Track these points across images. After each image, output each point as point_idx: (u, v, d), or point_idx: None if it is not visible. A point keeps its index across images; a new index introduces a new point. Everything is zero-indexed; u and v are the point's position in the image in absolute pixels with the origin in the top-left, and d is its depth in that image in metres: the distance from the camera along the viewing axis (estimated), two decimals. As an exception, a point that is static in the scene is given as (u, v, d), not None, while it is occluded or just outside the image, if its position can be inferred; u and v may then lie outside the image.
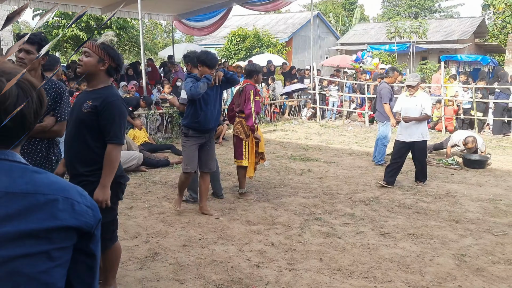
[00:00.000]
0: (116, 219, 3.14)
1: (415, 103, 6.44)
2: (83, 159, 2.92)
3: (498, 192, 6.33)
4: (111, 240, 3.12)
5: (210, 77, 4.71)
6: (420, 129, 6.45)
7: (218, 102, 5.04)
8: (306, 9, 37.32)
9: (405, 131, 6.50)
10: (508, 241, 4.50)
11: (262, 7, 13.63)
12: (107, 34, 2.96)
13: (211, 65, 4.80)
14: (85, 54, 2.90)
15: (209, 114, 4.89)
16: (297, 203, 5.65)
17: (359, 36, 29.81)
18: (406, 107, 6.51)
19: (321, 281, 3.59)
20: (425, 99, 6.52)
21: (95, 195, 2.85)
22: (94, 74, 2.92)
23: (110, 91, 2.95)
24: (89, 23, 18.95)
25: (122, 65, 3.13)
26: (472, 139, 8.12)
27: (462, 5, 55.25)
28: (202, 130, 4.92)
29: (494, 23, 25.60)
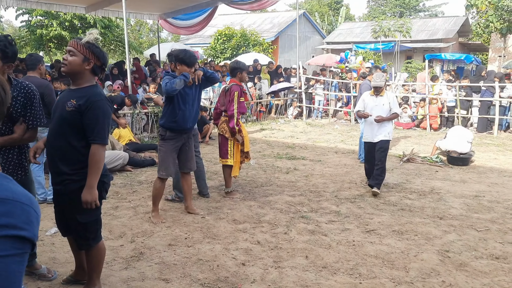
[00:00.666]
0: (99, 218, 3.12)
1: (382, 103, 6.13)
2: (66, 158, 2.89)
3: (481, 189, 6.42)
4: (94, 240, 3.09)
5: (188, 75, 4.62)
6: (387, 129, 6.12)
7: (197, 101, 4.94)
8: (292, 8, 37.39)
9: (372, 131, 6.18)
10: (490, 237, 4.57)
11: (248, 6, 13.61)
12: (91, 33, 2.94)
13: (189, 64, 4.70)
14: (70, 53, 2.88)
15: (187, 113, 4.78)
16: (283, 202, 5.66)
17: (345, 35, 29.96)
18: (372, 107, 6.18)
19: (306, 278, 3.60)
20: (392, 97, 6.25)
21: (83, 196, 2.84)
22: (79, 73, 2.90)
23: (94, 91, 2.92)
24: (73, 22, 18.72)
25: (107, 64, 3.11)
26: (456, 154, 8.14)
27: (446, 4, 55.86)
28: (179, 130, 4.80)
29: (477, 22, 25.95)
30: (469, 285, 3.53)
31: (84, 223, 2.97)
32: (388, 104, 6.11)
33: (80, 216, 2.92)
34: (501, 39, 23.35)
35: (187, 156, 5.01)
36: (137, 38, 33.58)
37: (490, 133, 11.71)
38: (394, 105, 6.16)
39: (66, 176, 2.88)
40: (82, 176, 2.87)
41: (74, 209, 2.91)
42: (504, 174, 7.33)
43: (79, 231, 3.03)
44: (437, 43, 26.04)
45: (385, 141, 6.10)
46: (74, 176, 2.88)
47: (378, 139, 6.09)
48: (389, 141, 6.17)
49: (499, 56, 24.39)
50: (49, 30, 18.86)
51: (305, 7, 40.52)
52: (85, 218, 2.95)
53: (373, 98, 6.22)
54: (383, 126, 6.09)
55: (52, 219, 4.86)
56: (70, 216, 2.98)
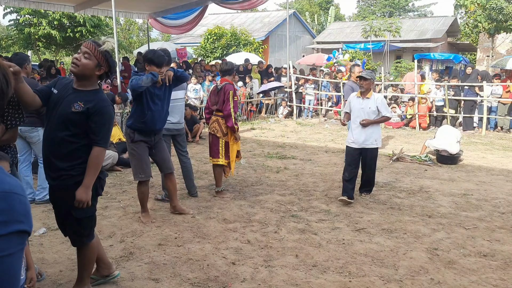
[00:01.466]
0: (94, 216, 3.12)
1: (369, 105, 5.60)
2: (64, 154, 2.91)
3: (469, 187, 6.48)
4: (88, 237, 3.09)
5: (156, 74, 4.50)
6: (375, 134, 5.66)
7: (167, 102, 4.83)
8: (283, 8, 37.42)
9: (358, 136, 5.64)
10: (478, 234, 4.62)
11: (238, 5, 13.60)
12: (108, 41, 2.98)
13: (158, 63, 4.60)
14: (85, 56, 2.89)
15: (157, 114, 4.65)
16: (273, 201, 5.67)
17: (335, 35, 30.08)
18: (358, 109, 5.64)
19: (296, 277, 3.61)
20: (381, 100, 5.66)
21: (77, 194, 2.85)
22: (88, 76, 2.94)
23: (101, 96, 3.00)
24: (62, 21, 18.58)
25: (115, 72, 3.14)
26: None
27: (435, 4, 56.41)
28: (148, 131, 4.67)
29: (465, 23, 26.21)
30: (457, 282, 3.56)
31: (79, 219, 2.97)
32: (376, 107, 5.59)
33: (75, 212, 2.93)
34: (489, 39, 23.61)
35: (163, 157, 4.91)
36: (127, 37, 33.39)
37: (475, 132, 11.83)
38: (383, 107, 5.62)
39: (63, 171, 2.90)
40: (79, 171, 2.90)
41: (70, 205, 2.91)
42: (492, 173, 7.41)
43: (73, 227, 3.03)
44: (426, 43, 26.27)
45: (375, 149, 5.70)
46: (72, 171, 2.90)
47: (366, 145, 5.62)
48: (377, 149, 5.75)
49: (487, 56, 24.66)
50: (37, 29, 18.69)
51: (295, 6, 40.62)
52: (80, 214, 2.96)
53: (359, 100, 5.67)
54: (370, 131, 5.60)
55: (41, 219, 4.84)
56: (65, 212, 2.98)
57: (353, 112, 5.71)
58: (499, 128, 12.15)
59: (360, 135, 5.62)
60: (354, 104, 5.70)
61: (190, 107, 10.14)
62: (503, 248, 4.26)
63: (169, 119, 5.41)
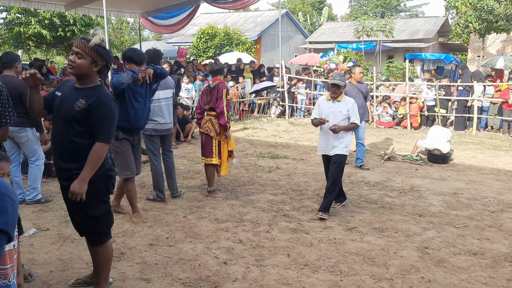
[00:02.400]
0: (111, 213, 3.12)
1: (340, 109, 5.20)
2: (72, 156, 2.90)
3: (460, 186, 6.53)
4: (107, 235, 3.10)
5: (136, 71, 4.53)
6: (345, 141, 5.21)
7: (149, 99, 4.87)
8: (275, 8, 37.47)
9: (328, 143, 5.26)
10: (468, 233, 4.65)
11: (231, 5, 13.57)
12: (96, 33, 2.93)
13: (138, 62, 4.63)
14: (78, 56, 2.88)
15: (140, 111, 4.69)
16: (265, 200, 5.67)
17: (327, 35, 30.16)
18: (328, 113, 5.21)
19: (288, 276, 3.62)
20: (352, 104, 5.24)
21: (72, 186, 2.83)
22: (87, 74, 2.92)
23: (102, 91, 2.97)
24: (52, 20, 18.44)
25: (111, 62, 3.10)
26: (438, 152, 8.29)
27: (427, 4, 56.79)
28: (131, 129, 4.68)
29: (457, 23, 26.40)
30: (447, 280, 3.59)
31: (95, 216, 2.97)
32: (347, 111, 5.19)
33: (90, 210, 2.93)
34: (479, 39, 23.81)
35: (137, 159, 4.90)
36: (118, 37, 33.22)
37: (466, 132, 11.93)
38: (354, 113, 5.21)
39: (74, 171, 2.89)
40: None
41: (83, 204, 2.91)
42: (482, 172, 7.47)
43: (91, 226, 3.02)
44: (417, 43, 26.42)
45: (341, 156, 5.18)
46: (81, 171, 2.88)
47: (334, 152, 5.19)
48: (345, 156, 5.24)
49: (477, 56, 24.86)
50: (28, 28, 18.53)
51: (288, 6, 40.64)
52: (95, 212, 2.96)
53: (329, 104, 5.27)
54: (340, 138, 5.17)
55: (31, 219, 4.80)
56: (80, 211, 2.97)
57: (323, 116, 5.25)
58: (490, 128, 12.26)
59: (329, 141, 5.24)
60: (324, 108, 5.28)
61: (182, 107, 10.12)
62: (492, 246, 4.30)
63: (157, 119, 5.40)
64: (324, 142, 5.32)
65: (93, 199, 2.93)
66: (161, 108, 5.42)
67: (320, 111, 5.31)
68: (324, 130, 5.26)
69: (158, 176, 5.53)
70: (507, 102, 11.38)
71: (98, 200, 2.97)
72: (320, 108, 5.32)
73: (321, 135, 5.37)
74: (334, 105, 5.24)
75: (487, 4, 20.56)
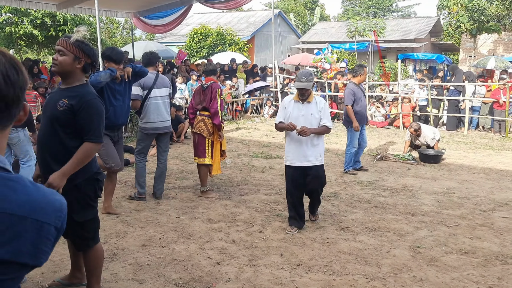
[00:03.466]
0: (97, 218, 3.08)
1: (311, 111, 4.54)
2: (58, 157, 2.85)
3: (451, 185, 6.57)
4: (93, 239, 3.05)
5: (114, 70, 4.57)
6: (319, 148, 4.59)
7: (127, 97, 4.92)
8: (268, 8, 37.48)
9: (298, 151, 4.54)
10: (460, 232, 4.68)
11: (224, 4, 13.57)
12: (79, 30, 2.90)
13: (117, 60, 4.69)
14: (60, 53, 2.84)
15: (119, 109, 4.75)
16: (258, 200, 5.67)
17: (320, 35, 30.22)
18: (297, 117, 4.53)
19: (281, 276, 3.62)
20: (324, 105, 4.61)
21: (51, 177, 2.77)
22: (70, 72, 2.88)
23: (86, 90, 2.91)
24: (44, 20, 18.31)
25: (98, 60, 3.06)
26: (415, 124, 8.52)
27: (419, 4, 57.08)
28: (112, 126, 4.69)
29: (448, 23, 26.56)
30: (439, 279, 3.61)
31: (81, 222, 2.92)
32: (319, 113, 4.54)
33: (76, 215, 2.86)
34: (471, 39, 23.98)
35: (118, 154, 4.92)
36: (109, 36, 33.08)
37: (458, 132, 12.02)
38: (326, 115, 4.56)
39: None
40: (74, 174, 2.84)
41: (69, 208, 2.85)
42: (473, 171, 7.53)
43: (77, 231, 2.96)
44: (410, 43, 26.54)
45: (319, 167, 4.60)
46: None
47: (309, 162, 4.54)
48: (323, 166, 4.66)
49: (469, 56, 25.03)
50: (19, 28, 18.40)
51: (280, 6, 40.67)
52: (81, 217, 2.91)
53: (298, 106, 4.59)
54: (313, 145, 4.54)
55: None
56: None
57: (291, 120, 4.51)
58: (481, 127, 12.35)
59: (300, 149, 4.52)
60: (292, 111, 4.58)
61: (175, 107, 10.10)
62: (484, 245, 4.33)
63: (154, 118, 5.40)
64: (293, 151, 4.57)
65: (80, 204, 2.89)
66: (158, 106, 5.43)
67: (286, 115, 4.60)
68: (292, 137, 4.54)
69: (141, 171, 5.57)
70: (498, 102, 11.48)
71: (85, 205, 2.92)
72: (287, 111, 4.61)
73: (288, 142, 4.62)
74: (304, 107, 4.55)
75: (478, 4, 20.71)
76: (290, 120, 4.52)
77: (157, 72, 5.58)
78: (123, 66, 4.77)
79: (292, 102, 4.65)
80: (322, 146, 4.66)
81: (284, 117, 4.61)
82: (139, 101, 5.37)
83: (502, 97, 11.39)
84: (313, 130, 4.45)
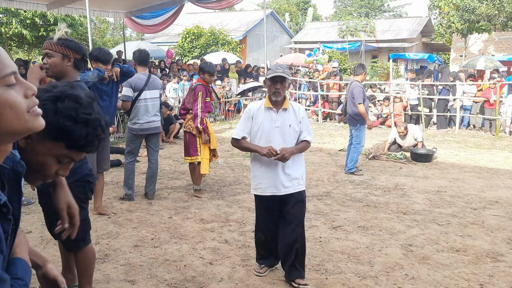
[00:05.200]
0: (87, 219, 3.05)
1: (289, 121, 3.41)
2: None
3: (443, 184, 6.61)
4: (84, 241, 3.02)
5: (102, 70, 4.52)
6: (300, 170, 3.52)
7: (115, 97, 4.89)
8: (260, 8, 37.50)
9: (275, 177, 3.41)
10: (451, 230, 4.72)
11: (216, 4, 13.56)
12: (59, 28, 2.90)
13: (104, 61, 4.66)
14: (48, 56, 2.84)
15: (105, 110, 4.67)
16: (251, 200, 5.65)
17: (312, 35, 30.31)
18: (270, 130, 3.39)
19: (273, 275, 3.62)
20: (303, 112, 3.53)
21: None
22: (63, 72, 2.87)
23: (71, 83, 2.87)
24: (34, 20, 18.18)
25: (87, 54, 3.05)
26: (401, 123, 8.58)
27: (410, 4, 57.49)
28: None
29: (439, 23, 26.75)
30: (430, 277, 3.63)
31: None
32: (298, 125, 3.45)
33: None
34: (462, 39, 24.16)
35: (103, 155, 4.89)
36: (100, 36, 32.90)
37: (449, 131, 12.10)
38: (306, 126, 3.50)
39: None
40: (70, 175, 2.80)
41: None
42: (464, 170, 7.58)
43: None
44: (401, 43, 26.70)
45: (300, 193, 3.49)
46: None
47: (289, 190, 3.42)
48: (304, 192, 3.57)
49: (460, 56, 25.22)
50: (9, 28, 18.25)
51: (273, 6, 40.71)
52: None
53: (270, 114, 3.40)
54: (293, 165, 3.43)
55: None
56: (56, 217, 2.91)
57: (262, 135, 3.39)
58: (472, 126, 12.45)
59: (277, 174, 3.39)
60: (263, 121, 3.39)
61: (166, 106, 10.07)
62: (475, 243, 4.36)
63: (142, 119, 5.39)
64: (267, 176, 3.42)
65: None
66: (147, 108, 5.42)
67: (254, 127, 3.42)
68: (266, 160, 3.38)
69: (130, 173, 5.55)
70: (489, 101, 11.57)
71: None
72: (255, 122, 3.42)
73: (258, 165, 3.45)
74: (279, 116, 3.38)
75: (469, 4, 20.87)
76: (261, 134, 3.38)
77: (149, 73, 5.56)
78: (110, 66, 4.74)
79: (263, 109, 3.41)
80: (303, 166, 3.58)
81: (250, 130, 3.44)
82: (129, 102, 5.35)
83: (492, 96, 11.48)
84: (295, 151, 3.38)
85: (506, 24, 25.59)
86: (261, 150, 3.32)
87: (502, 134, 11.38)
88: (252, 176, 3.55)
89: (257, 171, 3.49)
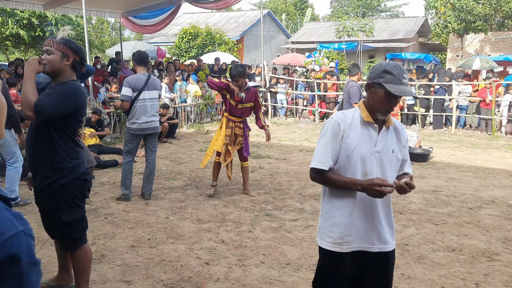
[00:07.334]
0: (85, 218, 3.06)
1: (391, 147, 2.25)
2: (47, 157, 2.84)
3: (439, 184, 6.64)
4: (81, 240, 3.03)
5: None
6: (392, 219, 2.39)
7: None
8: (257, 8, 37.50)
9: (368, 226, 2.23)
10: (447, 230, 4.73)
11: (213, 4, 13.54)
12: (64, 29, 2.91)
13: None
14: (48, 53, 2.84)
15: None
16: (248, 200, 5.68)
17: (309, 35, 30.34)
18: (366, 155, 2.19)
19: (270, 275, 3.63)
20: (405, 133, 2.39)
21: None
22: (60, 71, 2.87)
23: (75, 83, 2.90)
24: (31, 20, 18.14)
25: (86, 58, 3.05)
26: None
27: (407, 4, 57.66)
28: None
29: (436, 23, 26.82)
30: (426, 277, 3.65)
31: (69, 222, 2.91)
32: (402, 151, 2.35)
33: (63, 215, 2.87)
34: (458, 39, 24.22)
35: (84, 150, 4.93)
36: (99, 36, 32.85)
37: (445, 130, 12.14)
38: (407, 154, 2.41)
39: (49, 175, 2.84)
40: (62, 173, 2.84)
41: (57, 209, 2.87)
42: (460, 170, 7.61)
43: (64, 231, 2.95)
44: (398, 43, 26.77)
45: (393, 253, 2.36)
46: (55, 173, 2.85)
47: (386, 247, 2.26)
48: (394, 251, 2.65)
49: (456, 55, 25.30)
50: (5, 28, 18.21)
51: (270, 6, 40.73)
52: (69, 217, 2.90)
53: (369, 132, 2.22)
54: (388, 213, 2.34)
55: (9, 223, 4.71)
56: (53, 216, 2.92)
57: (356, 163, 2.19)
58: (468, 126, 12.49)
59: (378, 223, 2.24)
60: (359, 144, 2.19)
61: (161, 106, 10.05)
62: (470, 242, 4.38)
63: (141, 119, 5.39)
64: (360, 224, 2.22)
65: (68, 204, 2.88)
66: (145, 108, 5.43)
67: (343, 149, 2.21)
68: (360, 197, 2.20)
69: (128, 173, 5.55)
70: (485, 100, 11.61)
71: (72, 205, 2.91)
72: (346, 143, 2.20)
73: (346, 210, 2.24)
74: (381, 137, 2.22)
75: (466, 4, 20.93)
76: (356, 162, 2.18)
77: (149, 74, 5.57)
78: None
79: (358, 124, 2.22)
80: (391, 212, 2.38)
81: (336, 154, 2.22)
82: (128, 102, 5.35)
83: (488, 96, 11.53)
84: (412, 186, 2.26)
85: (503, 24, 25.70)
86: (369, 186, 2.07)
87: (498, 133, 11.43)
88: (330, 223, 2.27)
89: (341, 217, 2.23)
